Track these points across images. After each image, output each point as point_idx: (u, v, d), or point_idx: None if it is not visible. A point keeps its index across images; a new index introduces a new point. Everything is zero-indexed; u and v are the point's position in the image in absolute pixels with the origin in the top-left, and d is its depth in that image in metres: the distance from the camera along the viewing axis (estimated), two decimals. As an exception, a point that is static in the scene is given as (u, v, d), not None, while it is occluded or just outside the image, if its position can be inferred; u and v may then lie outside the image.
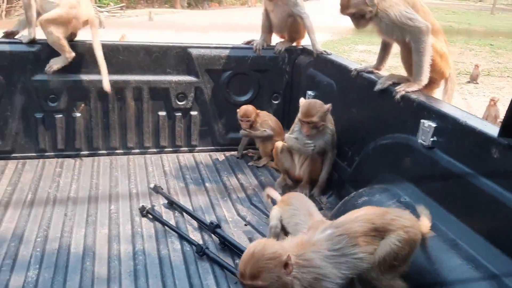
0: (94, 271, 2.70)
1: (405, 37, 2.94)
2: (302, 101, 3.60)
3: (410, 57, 3.00)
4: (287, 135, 3.79)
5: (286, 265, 1.85)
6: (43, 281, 2.59)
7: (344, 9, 2.99)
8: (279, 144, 3.89)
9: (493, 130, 2.20)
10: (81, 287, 2.56)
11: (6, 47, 3.86)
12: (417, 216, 2.33)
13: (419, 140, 2.67)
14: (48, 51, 3.89)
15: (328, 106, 3.50)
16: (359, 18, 2.99)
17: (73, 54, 3.91)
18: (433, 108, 2.63)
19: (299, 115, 3.56)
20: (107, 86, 3.93)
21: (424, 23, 2.89)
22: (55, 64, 3.88)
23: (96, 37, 4.00)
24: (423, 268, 2.23)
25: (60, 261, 2.77)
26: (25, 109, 4.02)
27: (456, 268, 2.12)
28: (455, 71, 3.30)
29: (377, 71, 3.45)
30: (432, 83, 3.11)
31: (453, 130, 2.45)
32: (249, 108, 4.21)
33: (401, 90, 2.92)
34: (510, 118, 2.06)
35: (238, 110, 4.22)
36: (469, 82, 12.13)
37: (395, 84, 3.06)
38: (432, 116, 2.62)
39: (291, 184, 3.89)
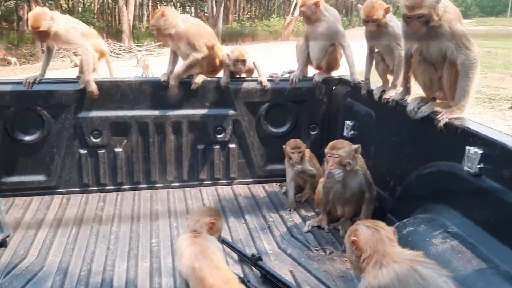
0: None
1: (457, 58, 2.82)
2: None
3: (451, 80, 2.92)
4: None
5: None
6: None
7: (415, 8, 2.72)
8: (322, 186, 3.63)
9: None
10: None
11: (52, 87, 4.05)
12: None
13: (465, 168, 2.58)
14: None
15: (357, 146, 3.31)
16: (423, 23, 2.76)
17: None
18: (479, 134, 2.56)
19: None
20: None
21: (477, 49, 2.81)
22: None
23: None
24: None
25: None
26: (69, 145, 4.15)
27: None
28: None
29: (409, 96, 3.35)
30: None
31: (501, 157, 2.37)
32: (297, 139, 4.04)
33: (444, 117, 2.83)
34: None
35: (285, 145, 4.01)
36: (511, 107, 11.77)
37: (436, 111, 3.00)
38: (478, 143, 2.54)
39: (327, 228, 3.62)
